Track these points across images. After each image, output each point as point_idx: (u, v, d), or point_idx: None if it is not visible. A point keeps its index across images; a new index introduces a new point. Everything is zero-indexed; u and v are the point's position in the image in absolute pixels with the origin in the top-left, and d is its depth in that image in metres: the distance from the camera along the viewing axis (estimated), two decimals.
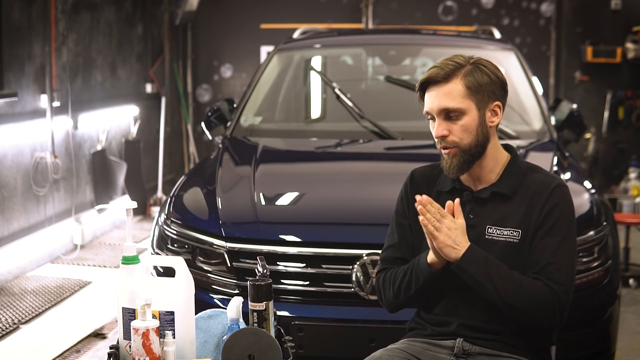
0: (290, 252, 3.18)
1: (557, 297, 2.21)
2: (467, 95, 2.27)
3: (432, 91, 2.30)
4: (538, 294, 2.21)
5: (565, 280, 2.23)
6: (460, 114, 2.27)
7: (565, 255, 2.25)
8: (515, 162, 2.37)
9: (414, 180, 2.49)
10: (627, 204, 7.62)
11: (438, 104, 2.28)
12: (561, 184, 2.33)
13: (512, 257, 2.28)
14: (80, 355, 4.34)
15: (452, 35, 5.63)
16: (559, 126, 4.37)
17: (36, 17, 5.82)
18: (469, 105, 2.27)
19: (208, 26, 9.16)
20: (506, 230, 2.30)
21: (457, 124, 2.28)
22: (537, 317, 2.23)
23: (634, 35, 8.35)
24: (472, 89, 2.27)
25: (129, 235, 2.26)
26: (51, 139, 5.94)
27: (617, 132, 8.62)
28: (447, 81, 2.28)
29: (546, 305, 2.20)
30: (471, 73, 2.28)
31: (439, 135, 2.29)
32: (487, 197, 2.33)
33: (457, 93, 2.27)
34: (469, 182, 2.37)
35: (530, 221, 2.28)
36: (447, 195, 2.39)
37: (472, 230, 2.32)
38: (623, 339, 4.21)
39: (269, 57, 4.86)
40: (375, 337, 3.01)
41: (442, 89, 2.28)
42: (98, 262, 6.08)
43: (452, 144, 2.29)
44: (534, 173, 2.37)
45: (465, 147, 2.28)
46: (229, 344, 2.14)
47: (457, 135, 2.28)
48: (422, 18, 8.85)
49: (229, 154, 4.07)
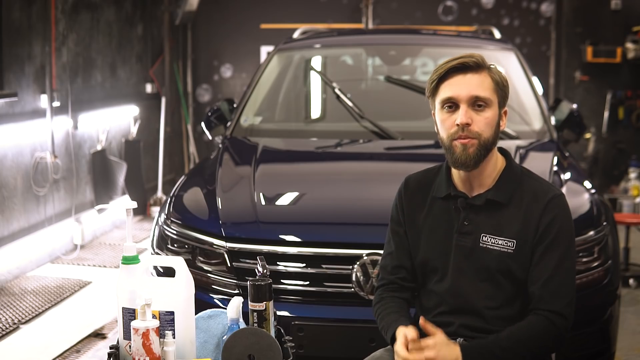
0: (290, 252, 3.18)
1: (561, 321, 2.24)
2: (494, 90, 2.28)
3: (459, 77, 2.27)
4: (542, 333, 2.23)
5: (567, 294, 2.25)
6: (487, 106, 2.27)
7: (566, 270, 2.27)
8: (510, 167, 2.37)
9: (408, 187, 2.48)
10: (627, 204, 7.62)
11: (469, 91, 2.26)
12: (557, 194, 2.32)
13: (507, 266, 2.29)
14: (80, 355, 4.34)
15: (452, 35, 5.62)
16: (559, 126, 4.37)
17: (36, 17, 5.82)
18: (495, 100, 2.29)
19: (208, 26, 9.16)
20: (501, 240, 2.29)
21: (482, 115, 2.26)
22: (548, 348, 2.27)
23: (634, 35, 8.35)
24: (498, 85, 2.29)
25: (129, 235, 2.26)
26: (51, 139, 5.94)
27: (617, 132, 8.62)
28: (477, 71, 2.27)
29: (552, 335, 2.24)
30: (494, 73, 2.30)
31: (465, 122, 2.25)
32: (482, 204, 2.32)
33: (487, 84, 2.27)
34: (464, 188, 2.36)
35: (526, 233, 2.28)
36: (441, 202, 2.38)
37: (466, 238, 2.32)
38: (623, 339, 4.21)
39: (269, 57, 4.86)
40: (375, 337, 3.00)
41: (474, 77, 2.27)
42: (98, 262, 6.08)
43: (474, 135, 2.25)
44: (530, 180, 2.36)
45: (484, 141, 2.27)
46: (229, 344, 2.14)
47: (480, 127, 2.26)
48: (422, 18, 8.85)
49: (229, 154, 4.07)
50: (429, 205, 2.41)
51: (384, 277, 2.48)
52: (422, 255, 2.40)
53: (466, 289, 2.32)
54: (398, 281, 2.46)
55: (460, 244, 2.33)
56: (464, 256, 2.32)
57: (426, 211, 2.41)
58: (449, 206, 2.37)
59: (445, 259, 2.35)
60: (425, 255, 2.39)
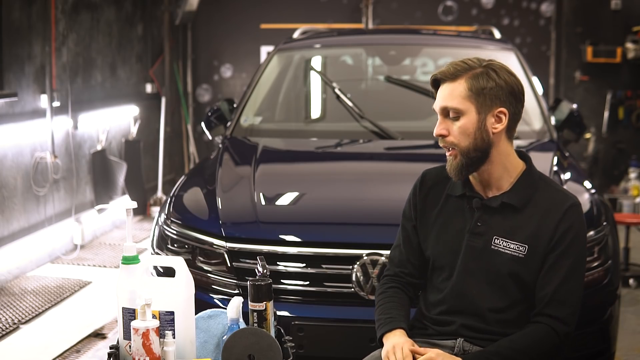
0: (290, 252, 3.18)
1: (563, 328, 2.24)
2: (467, 97, 2.26)
3: (440, 90, 2.31)
4: (544, 341, 2.24)
5: (573, 303, 2.26)
6: (459, 115, 2.27)
7: (576, 280, 2.27)
8: (529, 172, 2.35)
9: (424, 182, 2.48)
10: (627, 204, 7.62)
11: (440, 103, 2.29)
12: (576, 203, 2.31)
13: (517, 270, 2.28)
14: (80, 355, 4.34)
15: (452, 35, 5.62)
16: (559, 126, 4.37)
17: (36, 17, 5.83)
18: (468, 107, 2.26)
19: (208, 26, 9.16)
20: (513, 244, 2.29)
21: (456, 124, 2.27)
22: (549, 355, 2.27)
23: (634, 35, 8.35)
24: (473, 91, 2.25)
25: (129, 235, 2.26)
26: (51, 139, 5.94)
27: (617, 132, 8.62)
28: (453, 80, 2.28)
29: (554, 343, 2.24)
30: (477, 76, 2.26)
31: (437, 134, 2.30)
32: (497, 207, 2.32)
33: (457, 93, 2.26)
34: (479, 189, 2.36)
35: (540, 239, 2.28)
36: (456, 200, 2.38)
37: (478, 239, 2.32)
38: (623, 339, 4.21)
39: (269, 57, 4.86)
40: (375, 337, 3.00)
41: (447, 87, 2.28)
42: (98, 262, 6.08)
43: (450, 145, 2.28)
44: (548, 187, 2.35)
45: (464, 149, 2.27)
46: (229, 344, 2.14)
47: (455, 137, 2.27)
48: (422, 18, 8.85)
49: (229, 154, 4.07)
50: (443, 202, 2.40)
51: (390, 268, 2.52)
52: (431, 252, 2.40)
53: (471, 289, 2.32)
54: (402, 275, 2.48)
55: (471, 244, 2.32)
56: (473, 257, 2.32)
57: (440, 207, 2.41)
58: (463, 205, 2.36)
59: (454, 257, 2.35)
60: (434, 252, 2.40)
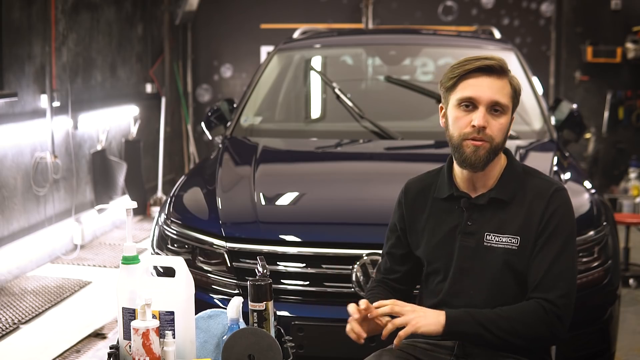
0: (290, 252, 3.18)
1: (552, 309, 2.20)
2: (512, 97, 2.29)
3: (482, 79, 2.26)
4: (530, 314, 2.21)
5: (564, 286, 2.22)
6: (503, 112, 2.27)
7: (565, 262, 2.25)
8: (511, 165, 2.37)
9: (408, 192, 2.48)
10: (627, 204, 7.62)
11: (491, 95, 2.25)
12: (560, 187, 2.32)
13: (511, 263, 2.28)
14: (80, 355, 4.34)
15: (452, 35, 5.62)
16: (559, 126, 4.37)
17: (36, 17, 5.82)
18: (510, 107, 2.29)
19: (208, 26, 9.16)
20: (505, 237, 2.29)
21: (497, 120, 2.27)
22: (538, 334, 2.22)
23: (634, 35, 8.35)
24: (515, 93, 2.30)
25: (129, 235, 2.26)
26: (51, 139, 5.94)
27: (617, 132, 8.62)
28: (500, 76, 2.28)
29: (542, 320, 2.20)
30: (513, 78, 2.31)
31: (482, 125, 2.24)
32: (485, 204, 2.32)
33: (507, 91, 2.28)
34: (467, 188, 2.36)
35: (530, 228, 2.28)
36: (443, 202, 2.38)
37: (470, 237, 2.32)
38: (623, 339, 4.21)
39: (269, 57, 4.86)
40: (375, 337, 3.00)
41: (497, 82, 2.27)
42: (98, 262, 6.08)
43: (488, 138, 2.26)
44: (532, 177, 2.36)
45: (496, 145, 2.27)
46: (229, 344, 2.14)
47: (494, 132, 2.26)
48: (422, 18, 8.85)
49: (229, 154, 4.07)
50: (430, 207, 2.41)
51: (377, 274, 2.57)
52: (425, 256, 2.40)
53: (468, 289, 2.32)
54: (387, 281, 2.52)
55: (464, 244, 2.32)
56: (467, 257, 2.32)
57: (427, 213, 2.41)
58: (452, 207, 2.36)
59: (448, 259, 2.35)
60: (428, 256, 2.40)
